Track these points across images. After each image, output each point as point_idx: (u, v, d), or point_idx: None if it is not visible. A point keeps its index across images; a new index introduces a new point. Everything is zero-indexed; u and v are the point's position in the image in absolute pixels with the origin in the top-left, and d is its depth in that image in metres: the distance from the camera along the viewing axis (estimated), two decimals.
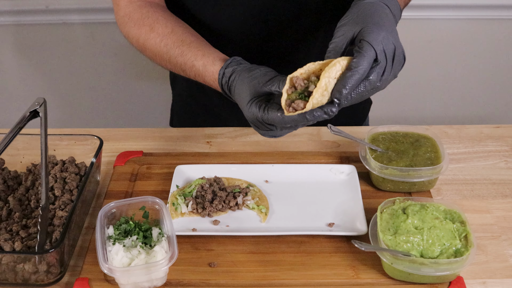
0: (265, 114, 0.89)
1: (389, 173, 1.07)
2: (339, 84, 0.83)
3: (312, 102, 0.81)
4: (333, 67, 0.82)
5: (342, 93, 0.83)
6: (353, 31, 0.89)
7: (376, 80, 0.86)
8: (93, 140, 1.13)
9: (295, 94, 0.84)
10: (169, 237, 0.93)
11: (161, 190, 1.13)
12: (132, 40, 1.18)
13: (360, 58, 0.84)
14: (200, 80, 1.08)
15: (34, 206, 1.06)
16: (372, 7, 0.92)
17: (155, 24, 1.13)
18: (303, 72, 0.84)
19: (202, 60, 1.05)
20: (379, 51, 0.85)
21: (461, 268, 0.89)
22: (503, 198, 1.11)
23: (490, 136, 1.28)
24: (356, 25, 0.89)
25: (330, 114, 0.84)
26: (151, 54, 1.15)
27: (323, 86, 0.81)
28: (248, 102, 0.93)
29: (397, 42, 0.89)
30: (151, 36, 1.13)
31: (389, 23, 0.90)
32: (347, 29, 0.90)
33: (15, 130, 1.03)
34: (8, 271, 0.91)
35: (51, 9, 2.10)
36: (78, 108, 2.39)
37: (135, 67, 2.26)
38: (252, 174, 1.14)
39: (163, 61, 1.13)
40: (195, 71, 1.07)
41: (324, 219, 1.05)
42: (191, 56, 1.07)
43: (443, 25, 2.14)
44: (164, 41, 1.11)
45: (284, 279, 0.94)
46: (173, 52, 1.10)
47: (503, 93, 2.33)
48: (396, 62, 0.89)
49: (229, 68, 0.99)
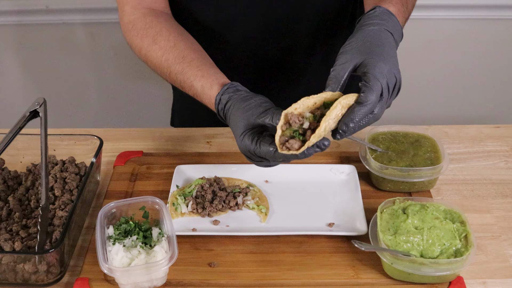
0: (257, 147, 0.89)
1: (389, 173, 1.07)
2: (347, 117, 0.84)
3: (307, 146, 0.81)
4: (334, 110, 0.81)
5: (349, 126, 0.84)
6: (356, 60, 0.88)
7: (380, 113, 0.87)
8: (93, 140, 1.13)
9: (290, 131, 0.83)
10: (169, 237, 0.93)
11: (161, 190, 1.13)
12: (134, 49, 1.18)
13: (369, 93, 0.84)
14: (198, 99, 1.07)
15: (34, 206, 1.06)
16: (377, 36, 0.92)
17: (157, 37, 1.13)
18: (298, 107, 0.82)
19: (201, 82, 1.05)
20: (384, 86, 0.86)
21: (461, 268, 0.89)
22: (503, 198, 1.11)
23: (490, 136, 1.28)
24: (360, 55, 0.89)
25: (322, 148, 0.84)
26: (152, 66, 1.15)
27: (322, 132, 0.81)
28: (241, 134, 0.92)
29: (398, 74, 0.90)
30: (153, 49, 1.12)
31: (392, 55, 0.91)
32: (350, 57, 0.89)
33: (15, 130, 1.03)
34: (8, 271, 0.91)
35: (51, 9, 2.10)
36: (78, 108, 2.39)
37: (135, 67, 2.26)
38: (252, 174, 1.14)
39: (164, 75, 1.13)
40: (194, 91, 1.06)
41: (324, 219, 1.05)
42: (190, 76, 1.07)
43: (443, 25, 2.14)
44: (165, 55, 1.11)
45: (284, 279, 0.94)
46: (174, 68, 1.09)
47: (503, 93, 2.33)
48: (393, 93, 0.90)
49: (225, 95, 0.98)
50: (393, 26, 0.95)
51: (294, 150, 0.82)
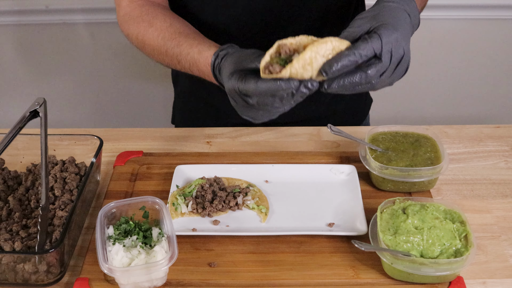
0: (241, 83, 0.85)
1: (389, 173, 1.07)
2: (332, 59, 0.81)
3: (290, 70, 0.78)
4: (323, 44, 0.79)
5: (332, 68, 0.80)
6: (369, 25, 0.87)
7: (374, 76, 0.84)
8: (93, 140, 1.13)
9: (277, 59, 0.81)
10: (169, 237, 0.93)
11: (161, 190, 1.13)
12: (131, 37, 1.19)
13: (363, 43, 0.82)
14: (194, 69, 1.07)
15: (34, 206, 1.06)
16: (394, 9, 0.91)
17: (153, 20, 1.14)
18: (294, 42, 0.81)
19: (198, 47, 1.05)
20: (386, 50, 0.84)
21: (461, 268, 0.89)
22: (503, 198, 1.11)
23: (490, 136, 1.28)
24: (374, 21, 0.87)
25: (309, 87, 0.81)
26: (149, 49, 1.15)
27: (307, 59, 0.78)
28: (229, 74, 0.89)
29: (407, 50, 0.88)
30: (150, 31, 1.13)
31: (406, 29, 0.89)
32: (364, 22, 0.88)
33: (15, 130, 1.03)
34: (8, 271, 0.91)
35: (51, 9, 2.10)
36: (78, 108, 2.39)
37: (135, 67, 2.26)
38: (252, 174, 1.14)
39: (161, 55, 1.13)
40: (190, 59, 1.06)
41: (324, 219, 1.05)
42: (186, 46, 1.07)
43: (443, 25, 2.14)
44: (161, 34, 1.12)
45: (284, 279, 0.94)
46: (170, 44, 1.10)
47: (503, 93, 2.33)
48: (398, 70, 0.88)
49: (223, 51, 0.98)
50: (411, 9, 0.94)
51: (275, 73, 0.79)
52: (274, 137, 1.29)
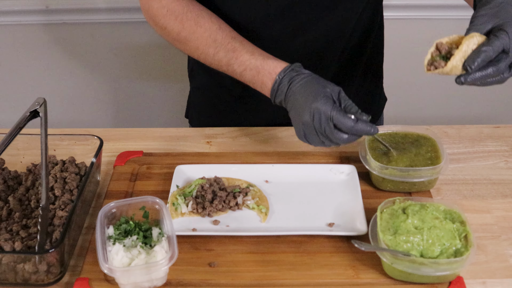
0: (340, 114, 0.98)
1: (389, 173, 1.07)
2: (473, 55, 0.92)
3: (452, 63, 0.93)
4: (471, 39, 0.93)
5: (475, 63, 0.92)
6: (493, 23, 0.96)
7: (504, 69, 0.94)
8: (93, 140, 1.13)
9: (438, 57, 0.97)
10: (169, 237, 0.93)
11: (161, 190, 1.13)
12: (169, 33, 1.17)
13: (496, 40, 0.92)
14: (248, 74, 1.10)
15: (34, 206, 1.06)
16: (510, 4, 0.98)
17: (199, 19, 1.14)
18: (448, 40, 0.97)
19: (261, 55, 1.09)
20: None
21: (461, 268, 0.89)
22: (503, 198, 1.11)
23: (490, 136, 1.28)
24: (496, 18, 0.96)
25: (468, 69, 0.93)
26: (192, 48, 1.16)
27: (464, 51, 0.93)
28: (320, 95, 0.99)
29: None
30: (198, 31, 1.14)
31: None
32: (486, 20, 0.97)
33: (15, 130, 1.03)
34: (8, 271, 0.91)
35: (51, 9, 2.10)
36: (78, 108, 2.39)
37: (135, 67, 2.26)
38: (252, 174, 1.14)
39: (207, 56, 1.15)
40: (248, 64, 1.10)
41: (324, 219, 1.05)
42: (245, 52, 1.11)
43: (443, 25, 2.14)
44: (212, 36, 1.13)
45: (284, 279, 0.94)
46: (223, 48, 1.12)
47: (503, 93, 2.33)
48: None
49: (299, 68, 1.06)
50: None
51: (441, 67, 0.95)
52: (274, 137, 1.29)
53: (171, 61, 2.21)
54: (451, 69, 0.94)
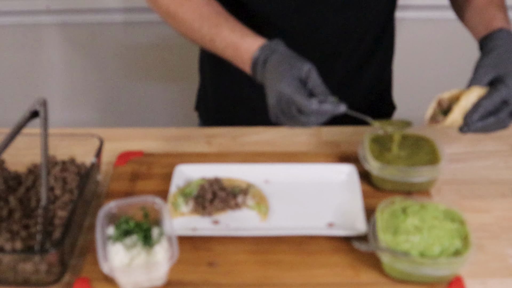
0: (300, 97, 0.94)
1: (388, 173, 1.07)
2: (473, 110, 0.98)
3: (452, 117, 1.00)
4: (472, 93, 0.99)
5: (473, 117, 0.98)
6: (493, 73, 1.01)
7: (504, 118, 0.99)
8: (93, 140, 1.13)
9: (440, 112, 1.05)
10: (169, 237, 0.93)
11: (161, 190, 1.13)
12: (160, 7, 1.16)
13: (495, 92, 0.98)
14: (229, 51, 1.08)
15: (34, 206, 1.06)
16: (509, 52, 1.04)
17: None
18: (449, 95, 1.04)
19: (241, 32, 1.07)
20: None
21: (461, 268, 0.90)
22: (503, 198, 1.11)
23: (489, 136, 1.28)
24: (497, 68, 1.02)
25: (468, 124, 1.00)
26: (179, 22, 1.14)
27: (463, 106, 0.99)
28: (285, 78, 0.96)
29: None
30: (186, 4, 1.13)
31: None
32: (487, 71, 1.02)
33: (15, 130, 1.03)
34: (9, 271, 0.91)
35: (51, 9, 2.10)
36: (78, 108, 2.39)
37: (136, 67, 2.26)
38: (252, 174, 1.14)
39: (193, 31, 1.13)
40: (229, 41, 1.07)
41: (324, 219, 1.05)
42: (227, 28, 1.08)
43: (443, 25, 2.14)
44: (198, 10, 1.11)
45: (284, 279, 0.94)
46: (207, 22, 1.10)
47: None
48: None
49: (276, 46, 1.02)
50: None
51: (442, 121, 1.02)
52: (274, 137, 1.29)
53: (171, 61, 2.21)
54: (452, 123, 1.01)
